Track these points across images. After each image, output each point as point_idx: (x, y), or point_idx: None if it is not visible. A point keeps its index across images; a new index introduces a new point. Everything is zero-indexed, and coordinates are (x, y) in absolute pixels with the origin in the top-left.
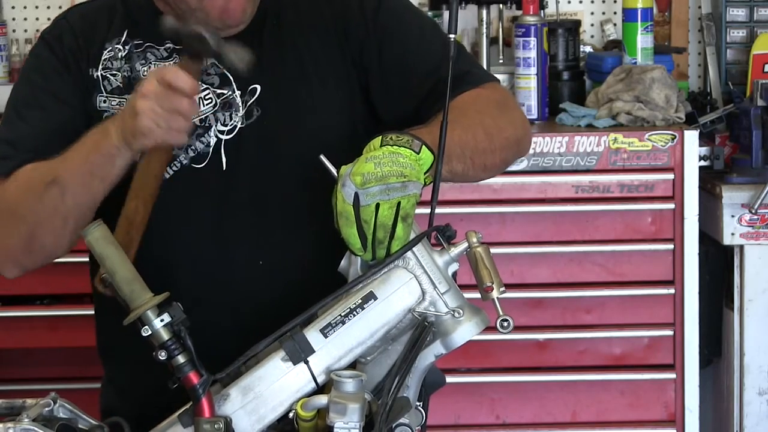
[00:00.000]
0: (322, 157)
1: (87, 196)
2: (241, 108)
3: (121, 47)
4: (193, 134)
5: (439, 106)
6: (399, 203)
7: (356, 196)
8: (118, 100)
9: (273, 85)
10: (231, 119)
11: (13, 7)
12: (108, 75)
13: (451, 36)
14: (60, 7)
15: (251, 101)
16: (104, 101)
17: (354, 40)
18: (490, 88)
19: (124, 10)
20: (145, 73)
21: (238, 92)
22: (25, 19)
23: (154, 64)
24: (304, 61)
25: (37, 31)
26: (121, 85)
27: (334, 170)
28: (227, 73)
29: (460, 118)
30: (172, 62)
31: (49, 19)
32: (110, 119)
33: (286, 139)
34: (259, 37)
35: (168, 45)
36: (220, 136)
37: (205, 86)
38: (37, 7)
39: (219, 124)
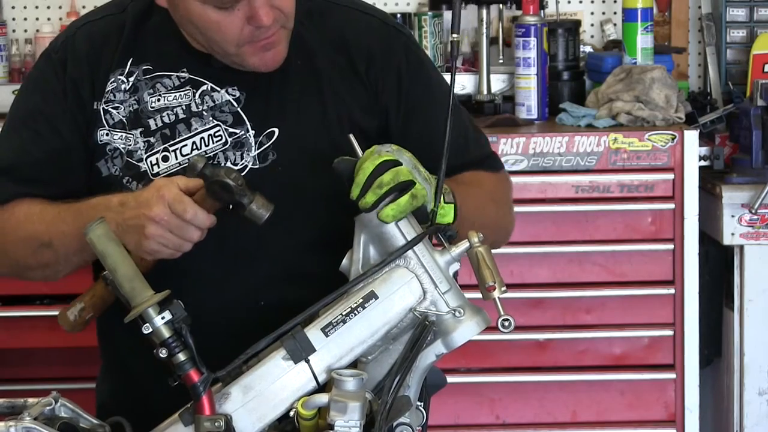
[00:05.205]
0: (350, 136)
1: (79, 260)
2: (254, 148)
3: (124, 79)
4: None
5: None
6: (411, 183)
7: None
8: (120, 134)
9: (292, 131)
10: (242, 159)
11: (13, 7)
12: (110, 109)
13: (454, 36)
14: (60, 7)
15: (268, 144)
16: (106, 134)
17: (383, 99)
18: (504, 179)
19: (132, 32)
20: (154, 104)
21: (252, 132)
22: (25, 19)
23: (164, 96)
24: (328, 105)
25: (37, 31)
26: (124, 119)
27: (360, 151)
28: (241, 113)
29: (481, 195)
30: (184, 92)
31: (49, 19)
32: (113, 209)
33: (300, 186)
34: (284, 76)
35: (183, 73)
36: None
37: (216, 123)
38: (37, 7)
39: (228, 162)
